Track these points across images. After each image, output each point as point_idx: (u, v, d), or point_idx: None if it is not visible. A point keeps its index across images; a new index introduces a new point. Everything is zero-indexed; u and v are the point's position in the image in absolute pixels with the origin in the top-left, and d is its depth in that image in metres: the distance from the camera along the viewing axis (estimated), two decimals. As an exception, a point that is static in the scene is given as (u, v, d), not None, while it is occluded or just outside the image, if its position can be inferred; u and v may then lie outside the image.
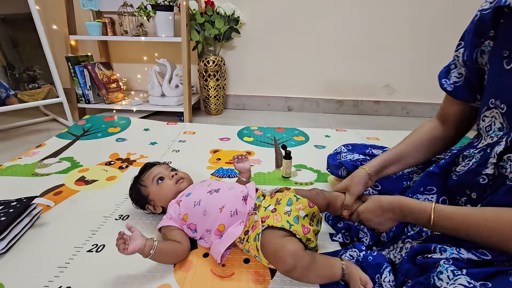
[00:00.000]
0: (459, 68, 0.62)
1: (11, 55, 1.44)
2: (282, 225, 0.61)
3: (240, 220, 0.69)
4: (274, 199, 0.70)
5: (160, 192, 0.78)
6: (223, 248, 0.65)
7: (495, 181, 0.52)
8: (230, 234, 0.67)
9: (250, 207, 0.69)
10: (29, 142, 1.36)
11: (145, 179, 0.80)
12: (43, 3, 1.78)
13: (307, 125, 1.69)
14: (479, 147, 0.57)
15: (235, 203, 0.70)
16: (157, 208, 0.79)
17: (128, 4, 1.68)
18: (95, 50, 1.91)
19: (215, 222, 0.69)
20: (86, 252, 0.70)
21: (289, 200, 0.67)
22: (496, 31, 0.51)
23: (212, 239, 0.69)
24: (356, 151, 0.91)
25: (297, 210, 0.65)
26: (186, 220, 0.71)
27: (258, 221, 0.65)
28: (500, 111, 0.52)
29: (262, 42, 1.88)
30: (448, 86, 0.63)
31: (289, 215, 0.63)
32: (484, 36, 0.53)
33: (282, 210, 0.65)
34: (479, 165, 0.54)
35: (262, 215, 0.66)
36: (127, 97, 1.87)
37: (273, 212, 0.65)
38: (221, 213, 0.69)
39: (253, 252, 0.65)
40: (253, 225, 0.66)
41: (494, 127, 0.54)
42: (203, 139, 1.42)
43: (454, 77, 0.63)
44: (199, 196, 0.73)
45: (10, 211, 0.71)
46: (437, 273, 0.46)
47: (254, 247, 0.63)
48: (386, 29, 1.79)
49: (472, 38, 0.56)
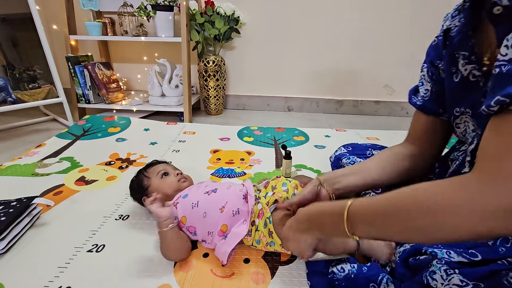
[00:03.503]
0: (426, 84, 0.66)
1: (11, 55, 1.44)
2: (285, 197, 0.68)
3: (242, 219, 0.69)
4: (269, 188, 0.74)
5: (161, 185, 0.79)
6: (229, 248, 0.64)
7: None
8: (235, 234, 0.66)
9: (251, 205, 0.69)
10: (29, 142, 1.36)
11: (150, 171, 0.82)
12: (43, 3, 1.78)
13: (307, 125, 1.70)
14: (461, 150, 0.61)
15: (236, 202, 0.70)
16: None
17: (128, 4, 1.69)
18: (95, 50, 1.91)
19: (217, 224, 0.68)
20: (86, 252, 0.70)
21: (283, 183, 0.73)
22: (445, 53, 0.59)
23: (216, 240, 0.68)
24: (356, 152, 0.90)
25: (293, 188, 0.72)
26: (185, 223, 0.71)
27: (263, 207, 0.67)
28: (468, 115, 0.57)
29: (262, 42, 1.88)
30: (417, 101, 0.67)
31: (287, 192, 0.70)
32: (440, 57, 0.61)
33: (280, 190, 0.71)
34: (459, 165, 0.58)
35: (264, 202, 0.68)
36: (127, 97, 1.87)
37: (273, 195, 0.69)
38: (222, 213, 0.69)
39: (264, 240, 0.66)
40: (258, 214, 0.68)
41: (469, 130, 0.57)
42: (203, 139, 1.42)
43: (422, 93, 0.67)
44: (197, 198, 0.72)
45: (10, 211, 0.71)
46: (429, 273, 0.46)
47: (266, 233, 0.65)
48: (386, 29, 1.79)
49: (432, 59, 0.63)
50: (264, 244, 0.67)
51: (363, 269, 0.59)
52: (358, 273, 0.58)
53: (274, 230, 0.64)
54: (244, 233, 0.66)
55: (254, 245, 0.69)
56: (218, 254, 0.66)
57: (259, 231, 0.67)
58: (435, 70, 0.63)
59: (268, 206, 0.67)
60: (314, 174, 1.10)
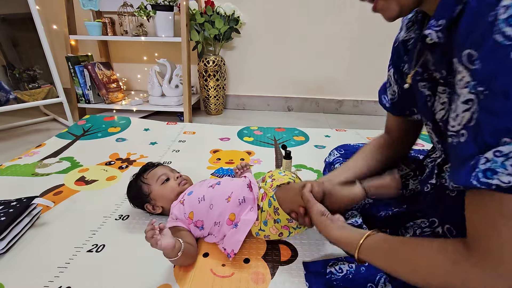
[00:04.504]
0: (393, 86, 0.66)
1: (11, 55, 1.44)
2: (288, 181, 0.71)
3: (249, 206, 0.69)
4: (267, 178, 0.76)
5: (163, 192, 0.78)
6: (242, 236, 0.65)
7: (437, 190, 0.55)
8: (246, 221, 0.67)
9: (256, 192, 0.70)
10: (29, 142, 1.36)
11: (148, 178, 0.80)
12: (43, 3, 1.78)
13: (307, 125, 1.69)
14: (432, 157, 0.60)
15: (241, 191, 0.70)
16: (157, 209, 0.79)
17: (128, 4, 1.69)
18: (95, 50, 1.91)
19: (224, 213, 0.69)
20: (86, 252, 0.70)
21: (279, 172, 0.77)
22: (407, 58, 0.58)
23: (225, 230, 0.69)
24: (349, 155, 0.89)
25: (289, 173, 0.76)
26: (192, 218, 0.71)
27: (266, 189, 0.70)
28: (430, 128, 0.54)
29: (262, 42, 1.88)
30: (386, 102, 0.68)
31: (287, 175, 0.74)
32: (402, 60, 0.60)
33: (279, 176, 0.74)
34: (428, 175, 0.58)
35: (266, 186, 0.71)
36: (127, 97, 1.87)
37: (273, 181, 0.72)
38: (228, 202, 0.69)
39: (270, 219, 0.67)
40: (262, 197, 0.69)
41: (434, 140, 0.57)
42: (203, 139, 1.42)
43: (390, 94, 0.67)
44: (202, 192, 0.73)
45: (10, 211, 0.71)
46: None
47: (271, 211, 0.66)
48: (386, 29, 1.78)
49: (394, 61, 0.62)
50: (272, 223, 0.67)
51: (361, 269, 0.59)
52: (356, 273, 0.59)
53: (279, 206, 0.65)
54: (254, 219, 0.67)
55: (262, 228, 0.68)
56: (229, 244, 0.66)
57: (264, 211, 0.68)
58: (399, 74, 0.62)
59: (271, 188, 0.69)
60: (314, 174, 1.10)
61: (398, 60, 0.61)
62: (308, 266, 0.66)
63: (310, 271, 0.64)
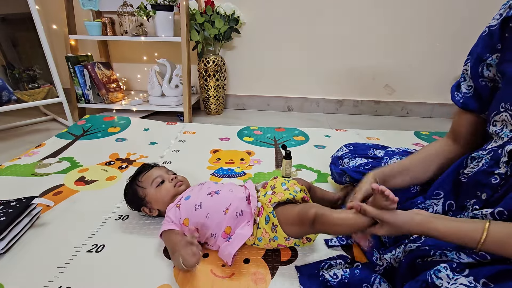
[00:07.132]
0: (468, 81, 0.64)
1: (11, 55, 1.44)
2: (287, 198, 0.68)
3: (246, 220, 0.68)
4: (268, 187, 0.74)
5: (158, 194, 0.77)
6: (233, 250, 0.64)
7: (508, 181, 0.51)
8: (240, 235, 0.66)
9: (254, 206, 0.69)
10: (28, 142, 1.36)
11: (143, 181, 0.79)
12: (43, 3, 1.78)
13: (307, 125, 1.69)
14: (488, 149, 0.57)
15: (239, 204, 0.69)
16: (153, 211, 0.79)
17: (128, 4, 1.68)
18: (95, 50, 1.91)
19: (220, 225, 0.68)
20: (86, 252, 0.70)
21: (282, 183, 0.74)
22: (503, 44, 0.56)
23: (219, 242, 0.68)
24: (358, 152, 0.90)
25: (292, 186, 0.73)
26: (187, 225, 0.70)
27: (264, 203, 0.68)
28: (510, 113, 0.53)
29: (262, 42, 1.88)
30: (459, 98, 0.65)
31: (288, 190, 0.71)
32: (492, 50, 0.57)
33: (280, 189, 0.71)
34: (490, 165, 0.54)
35: (264, 200, 0.69)
36: (127, 97, 1.87)
37: (273, 194, 0.70)
38: (225, 215, 0.68)
39: (267, 236, 0.66)
40: (258, 212, 0.68)
41: (506, 130, 0.55)
42: (203, 139, 1.42)
43: (464, 89, 0.65)
44: (200, 199, 0.72)
45: (10, 211, 0.71)
46: (434, 271, 0.46)
47: (268, 229, 0.66)
48: (386, 29, 1.79)
49: (479, 52, 0.60)
50: (267, 240, 0.67)
51: (356, 272, 0.61)
52: (351, 276, 0.60)
53: (279, 224, 0.64)
54: (249, 234, 0.66)
55: (256, 243, 0.69)
56: (222, 256, 0.66)
57: (260, 228, 0.67)
58: (481, 67, 0.60)
59: (270, 203, 0.68)
60: (314, 174, 1.10)
61: (486, 49, 0.58)
62: (300, 269, 0.66)
63: (303, 274, 0.65)
